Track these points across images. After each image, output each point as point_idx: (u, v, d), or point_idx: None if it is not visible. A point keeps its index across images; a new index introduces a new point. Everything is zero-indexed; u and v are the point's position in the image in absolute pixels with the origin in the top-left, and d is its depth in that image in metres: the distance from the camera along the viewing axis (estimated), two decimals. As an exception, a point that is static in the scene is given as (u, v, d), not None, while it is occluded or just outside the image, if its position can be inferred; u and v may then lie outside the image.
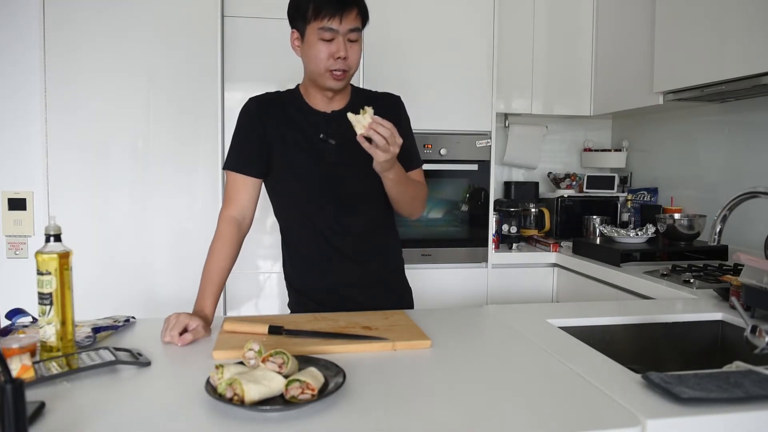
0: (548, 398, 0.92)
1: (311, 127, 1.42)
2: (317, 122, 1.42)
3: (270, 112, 1.44)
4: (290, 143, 1.42)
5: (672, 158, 2.77)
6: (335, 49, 1.31)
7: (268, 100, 1.47)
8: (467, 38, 2.54)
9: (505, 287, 2.62)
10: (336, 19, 1.30)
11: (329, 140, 1.41)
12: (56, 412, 0.83)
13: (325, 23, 1.30)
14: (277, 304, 2.40)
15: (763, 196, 1.37)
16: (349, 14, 1.31)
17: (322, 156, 1.41)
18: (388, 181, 1.35)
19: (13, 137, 2.30)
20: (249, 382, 0.83)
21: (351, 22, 1.32)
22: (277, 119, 1.43)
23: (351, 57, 1.34)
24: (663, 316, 1.42)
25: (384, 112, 1.42)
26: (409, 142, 1.50)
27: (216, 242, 1.39)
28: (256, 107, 1.45)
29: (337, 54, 1.32)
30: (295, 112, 1.44)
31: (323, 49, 1.32)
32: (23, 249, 2.31)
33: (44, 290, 1.03)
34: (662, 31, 2.31)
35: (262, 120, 1.43)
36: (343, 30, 1.31)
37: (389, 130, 1.22)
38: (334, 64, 1.32)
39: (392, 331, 1.20)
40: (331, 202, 1.44)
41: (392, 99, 1.52)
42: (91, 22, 2.18)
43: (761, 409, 0.84)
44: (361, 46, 1.38)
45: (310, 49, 1.33)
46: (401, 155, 1.43)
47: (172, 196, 2.27)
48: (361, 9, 1.35)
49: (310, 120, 1.43)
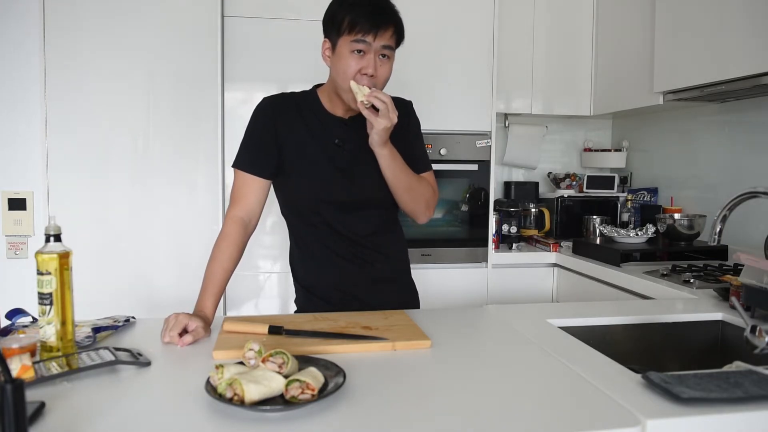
0: (548, 398, 0.92)
1: (326, 131, 1.43)
2: (333, 127, 1.43)
3: (284, 112, 1.43)
4: (303, 145, 1.42)
5: (672, 158, 2.77)
6: (365, 65, 1.31)
7: (283, 100, 1.46)
8: (467, 38, 2.54)
9: (505, 287, 2.62)
10: (371, 34, 1.29)
11: (344, 145, 1.42)
12: (56, 412, 0.83)
13: (359, 37, 1.30)
14: (277, 304, 2.41)
15: (763, 196, 1.37)
16: (385, 32, 1.31)
17: (333, 159, 1.42)
18: (383, 159, 1.36)
19: (13, 137, 2.29)
20: (249, 382, 0.83)
21: (385, 40, 1.31)
22: (291, 120, 1.43)
23: (379, 76, 1.34)
24: (663, 316, 1.43)
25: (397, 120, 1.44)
26: (419, 147, 1.53)
27: (221, 242, 1.38)
28: (270, 107, 1.44)
29: (366, 70, 1.31)
30: (310, 115, 1.44)
31: (353, 63, 1.31)
32: (23, 249, 2.31)
33: (44, 290, 1.03)
34: (662, 31, 2.31)
35: (275, 120, 1.42)
36: (376, 46, 1.31)
37: (388, 99, 1.29)
38: (361, 80, 1.32)
39: (392, 331, 1.20)
40: (339, 205, 1.44)
41: (403, 103, 1.52)
42: (91, 23, 2.18)
43: (761, 409, 0.84)
44: (392, 65, 1.37)
45: (340, 61, 1.33)
46: (412, 158, 1.48)
47: (172, 196, 2.27)
48: (398, 28, 1.34)
49: (326, 124, 1.43)
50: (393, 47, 1.35)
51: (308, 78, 2.34)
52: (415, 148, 1.51)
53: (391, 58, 1.36)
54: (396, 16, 1.34)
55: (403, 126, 1.45)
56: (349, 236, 1.46)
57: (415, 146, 1.51)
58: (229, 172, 2.34)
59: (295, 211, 1.49)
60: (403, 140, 1.46)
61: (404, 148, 1.45)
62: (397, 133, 1.40)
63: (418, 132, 1.55)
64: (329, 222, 1.44)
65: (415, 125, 1.53)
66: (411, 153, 1.48)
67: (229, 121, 2.33)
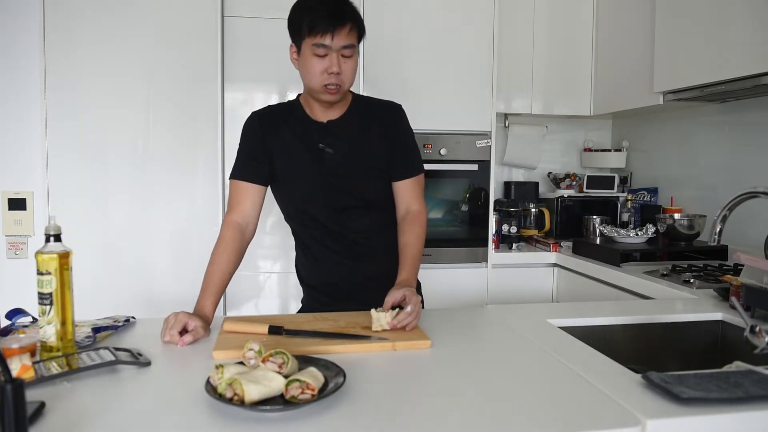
0: (548, 398, 0.92)
1: (309, 136, 1.46)
2: (314, 132, 1.47)
3: (270, 123, 1.48)
4: (290, 152, 1.47)
5: (672, 158, 2.77)
6: (328, 65, 1.34)
7: (269, 113, 1.52)
8: (467, 38, 2.54)
9: (505, 287, 2.62)
10: (328, 35, 1.32)
11: (326, 149, 1.45)
12: (56, 412, 0.83)
13: (318, 40, 1.33)
14: (277, 304, 2.41)
15: (763, 196, 1.37)
16: (341, 31, 1.33)
17: (321, 163, 1.45)
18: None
19: (13, 137, 2.29)
20: (249, 382, 0.83)
21: (344, 39, 1.34)
22: (277, 130, 1.48)
23: (345, 72, 1.37)
24: (663, 316, 1.43)
25: (384, 121, 1.50)
26: (409, 149, 1.54)
27: (218, 246, 1.41)
28: (257, 121, 1.50)
29: (330, 69, 1.35)
30: (294, 123, 1.48)
31: (317, 64, 1.35)
32: (23, 249, 2.31)
33: (44, 290, 1.03)
34: (662, 31, 2.31)
35: (263, 132, 1.47)
36: (336, 46, 1.34)
37: (411, 315, 1.21)
38: (328, 78, 1.36)
39: (392, 331, 1.20)
40: (333, 206, 1.47)
41: (392, 107, 1.54)
42: (91, 23, 2.18)
43: (761, 409, 0.84)
44: (356, 60, 1.40)
45: (305, 63, 1.37)
46: (401, 163, 1.51)
47: (171, 196, 2.27)
48: (355, 24, 1.36)
49: (308, 130, 1.47)
50: (354, 45, 1.37)
51: (308, 78, 2.37)
52: (405, 153, 1.52)
53: (354, 54, 1.39)
54: (352, 14, 1.37)
55: (391, 134, 1.50)
56: (346, 235, 1.49)
57: (404, 151, 1.52)
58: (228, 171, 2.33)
59: (292, 215, 1.54)
60: (391, 146, 1.49)
61: (391, 154, 1.49)
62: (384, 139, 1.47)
63: (408, 137, 1.55)
64: (324, 223, 1.49)
65: (406, 129, 1.55)
66: (404, 156, 1.51)
67: (229, 121, 2.33)
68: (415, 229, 1.47)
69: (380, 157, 1.48)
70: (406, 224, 1.48)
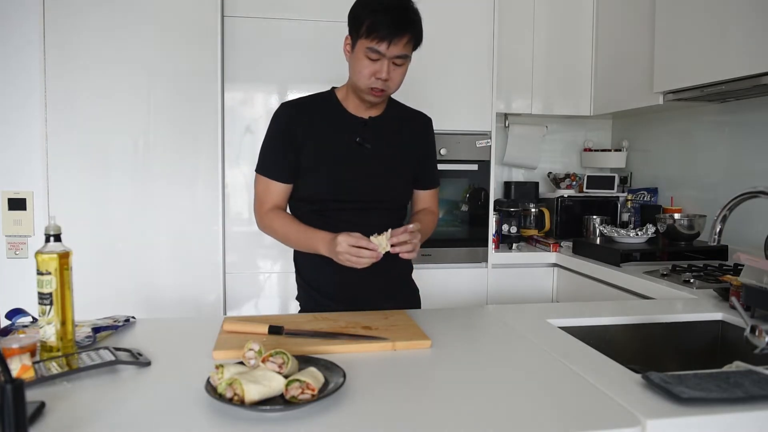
0: (548, 398, 0.92)
1: (346, 130, 1.47)
2: (354, 126, 1.47)
3: (301, 116, 1.47)
4: (323, 145, 1.46)
5: (672, 158, 2.77)
6: (378, 69, 1.35)
7: (301, 104, 1.50)
8: (467, 38, 2.54)
9: (505, 287, 2.62)
10: (384, 43, 1.33)
11: (365, 144, 1.46)
12: (56, 412, 0.83)
13: (374, 45, 1.33)
14: (277, 304, 2.40)
15: (763, 196, 1.37)
16: (399, 41, 1.34)
17: (351, 159, 1.46)
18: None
19: (13, 137, 2.29)
20: (249, 382, 0.83)
21: (399, 49, 1.35)
22: (309, 123, 1.46)
23: (393, 79, 1.38)
24: (663, 316, 1.43)
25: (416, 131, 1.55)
26: (435, 163, 1.61)
27: (275, 220, 1.45)
28: (287, 113, 1.48)
29: (380, 75, 1.36)
30: (330, 116, 1.48)
31: (368, 66, 1.36)
32: (23, 249, 2.31)
33: (44, 290, 1.03)
34: (662, 31, 2.31)
35: (293, 125, 1.46)
36: (390, 54, 1.34)
37: (407, 234, 1.28)
38: (375, 82, 1.37)
39: (392, 331, 1.20)
40: (352, 203, 1.47)
41: (426, 120, 1.60)
42: (91, 22, 2.18)
43: (761, 409, 0.84)
44: (407, 67, 1.42)
45: (357, 62, 1.38)
46: (425, 174, 1.58)
47: (172, 196, 2.27)
48: (414, 35, 1.37)
49: (347, 124, 1.47)
50: (408, 54, 1.39)
51: (308, 78, 2.37)
52: (431, 167, 1.60)
53: (406, 62, 1.40)
54: (414, 24, 1.37)
55: (421, 144, 1.55)
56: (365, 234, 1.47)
57: (431, 165, 1.60)
58: (228, 171, 2.35)
59: (303, 207, 1.50)
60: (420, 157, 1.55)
61: (419, 164, 1.54)
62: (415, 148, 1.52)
63: (435, 152, 1.63)
64: (337, 218, 1.46)
65: (433, 145, 1.61)
66: (428, 169, 1.58)
67: (229, 121, 2.33)
68: (429, 217, 1.56)
69: (410, 161, 1.52)
70: (422, 214, 1.57)
